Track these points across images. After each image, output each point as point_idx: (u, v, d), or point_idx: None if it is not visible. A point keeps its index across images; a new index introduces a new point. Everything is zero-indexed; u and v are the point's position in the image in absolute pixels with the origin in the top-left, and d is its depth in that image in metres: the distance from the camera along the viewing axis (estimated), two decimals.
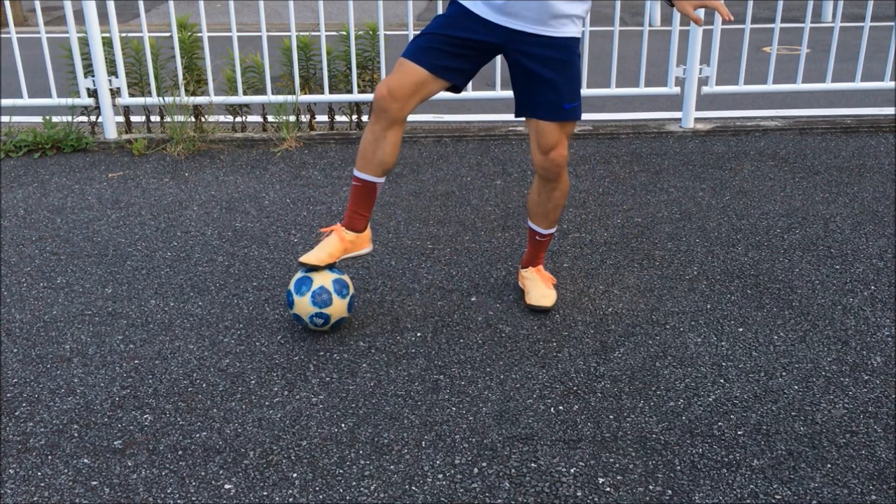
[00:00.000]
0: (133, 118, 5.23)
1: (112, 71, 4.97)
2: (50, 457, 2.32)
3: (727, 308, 3.04)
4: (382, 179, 2.81)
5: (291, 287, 2.85)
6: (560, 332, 2.89)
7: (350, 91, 5.08)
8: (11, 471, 2.27)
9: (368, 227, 2.92)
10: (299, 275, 2.86)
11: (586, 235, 3.65)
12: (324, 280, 2.81)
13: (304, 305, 2.80)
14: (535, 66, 2.64)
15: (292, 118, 5.00)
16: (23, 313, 3.08)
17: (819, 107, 5.94)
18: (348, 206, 2.86)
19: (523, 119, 2.81)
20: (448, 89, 2.75)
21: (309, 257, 2.81)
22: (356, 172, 2.79)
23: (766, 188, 4.17)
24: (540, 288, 3.06)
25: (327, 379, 2.65)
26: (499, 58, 4.42)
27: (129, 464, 2.29)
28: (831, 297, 3.10)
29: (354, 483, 2.20)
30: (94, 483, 2.22)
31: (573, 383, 2.61)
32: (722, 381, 2.61)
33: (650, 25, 7.99)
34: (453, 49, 2.65)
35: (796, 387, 2.58)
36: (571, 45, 2.65)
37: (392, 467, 2.26)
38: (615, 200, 4.05)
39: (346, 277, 2.89)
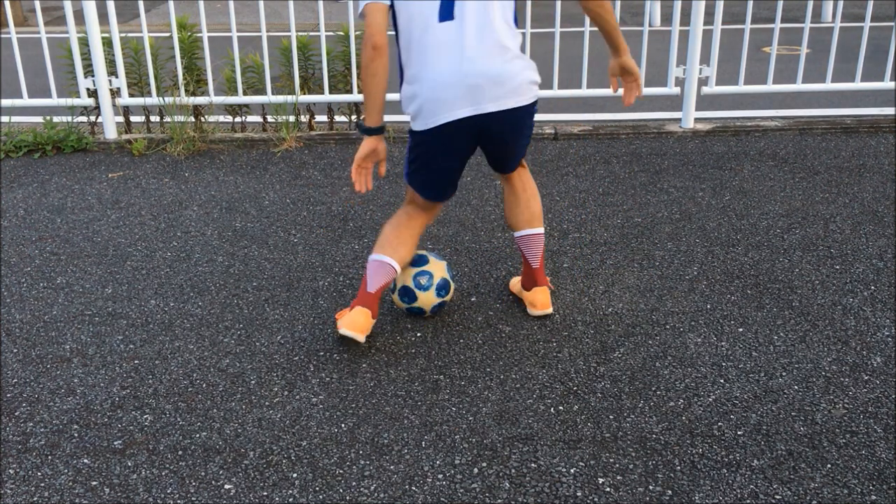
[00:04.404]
0: (133, 118, 5.23)
1: (112, 71, 4.97)
2: (50, 457, 2.32)
3: (727, 308, 3.04)
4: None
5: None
6: (560, 332, 2.89)
7: (349, 91, 5.08)
8: (11, 471, 2.27)
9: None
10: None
11: (586, 235, 3.65)
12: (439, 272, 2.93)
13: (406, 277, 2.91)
14: None
15: (292, 118, 5.00)
16: (23, 313, 3.08)
17: (819, 107, 5.94)
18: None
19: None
20: None
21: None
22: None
23: (766, 188, 4.17)
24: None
25: (327, 379, 2.65)
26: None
27: (129, 464, 2.29)
28: (831, 297, 3.10)
29: (354, 483, 2.20)
30: (94, 483, 2.22)
31: (573, 383, 2.61)
32: (722, 381, 2.61)
33: (650, 25, 7.98)
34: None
35: (796, 387, 2.58)
36: None
37: (392, 467, 2.26)
38: (615, 200, 4.05)
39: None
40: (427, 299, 2.90)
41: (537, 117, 2.85)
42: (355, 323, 2.69)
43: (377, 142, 2.64)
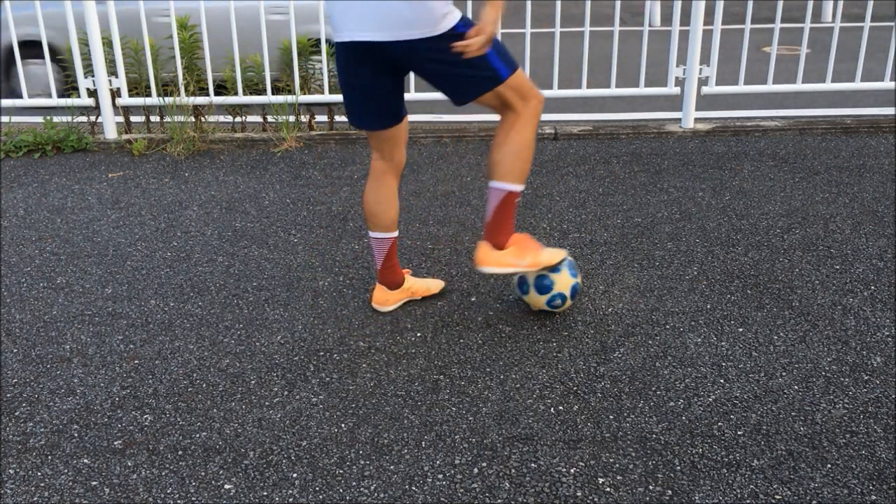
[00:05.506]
0: (133, 118, 5.23)
1: (112, 71, 4.98)
2: (50, 457, 2.32)
3: (727, 308, 3.04)
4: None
5: (531, 281, 2.91)
6: (560, 332, 2.89)
7: None
8: (11, 471, 2.27)
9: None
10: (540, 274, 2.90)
11: (586, 235, 3.65)
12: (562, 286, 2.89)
13: (537, 300, 2.91)
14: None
15: (292, 118, 5.00)
16: (23, 313, 3.08)
17: (819, 107, 5.94)
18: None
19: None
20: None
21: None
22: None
23: (766, 188, 4.17)
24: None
25: (327, 379, 2.65)
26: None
27: (129, 464, 2.29)
28: (831, 297, 3.10)
29: (354, 483, 2.20)
30: (94, 483, 2.22)
31: (573, 383, 2.61)
32: (722, 381, 2.61)
33: (650, 25, 7.99)
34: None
35: (796, 387, 2.58)
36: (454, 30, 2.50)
37: (392, 467, 2.26)
38: (615, 200, 4.05)
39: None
40: (564, 281, 2.90)
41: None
42: (376, 298, 3.06)
43: None
